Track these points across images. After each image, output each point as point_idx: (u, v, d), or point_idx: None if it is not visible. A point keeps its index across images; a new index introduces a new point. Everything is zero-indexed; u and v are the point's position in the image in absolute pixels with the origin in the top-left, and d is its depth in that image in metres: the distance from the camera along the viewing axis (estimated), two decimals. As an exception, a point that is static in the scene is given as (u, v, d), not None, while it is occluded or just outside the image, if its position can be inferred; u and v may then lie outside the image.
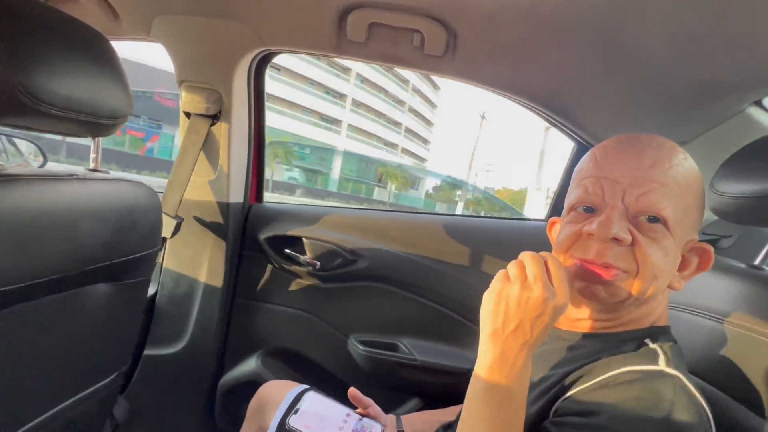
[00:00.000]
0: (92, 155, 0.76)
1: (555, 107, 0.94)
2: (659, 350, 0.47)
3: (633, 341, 0.50)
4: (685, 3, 0.59)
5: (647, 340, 0.49)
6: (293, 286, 1.14)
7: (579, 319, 0.55)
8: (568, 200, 0.54)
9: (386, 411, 0.82)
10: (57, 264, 0.60)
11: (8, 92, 0.51)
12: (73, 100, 0.58)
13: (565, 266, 0.49)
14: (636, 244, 0.47)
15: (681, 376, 0.44)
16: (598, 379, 0.46)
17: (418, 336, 1.09)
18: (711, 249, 0.50)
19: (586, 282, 0.49)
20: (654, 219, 0.47)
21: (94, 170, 0.75)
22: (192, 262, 1.10)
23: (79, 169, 0.71)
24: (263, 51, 0.96)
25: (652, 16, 0.63)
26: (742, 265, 0.66)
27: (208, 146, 1.03)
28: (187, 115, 1.01)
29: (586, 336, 0.54)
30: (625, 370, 0.45)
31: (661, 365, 0.45)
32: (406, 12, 0.77)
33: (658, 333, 0.51)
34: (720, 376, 0.56)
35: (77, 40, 0.61)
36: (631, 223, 0.48)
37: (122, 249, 0.72)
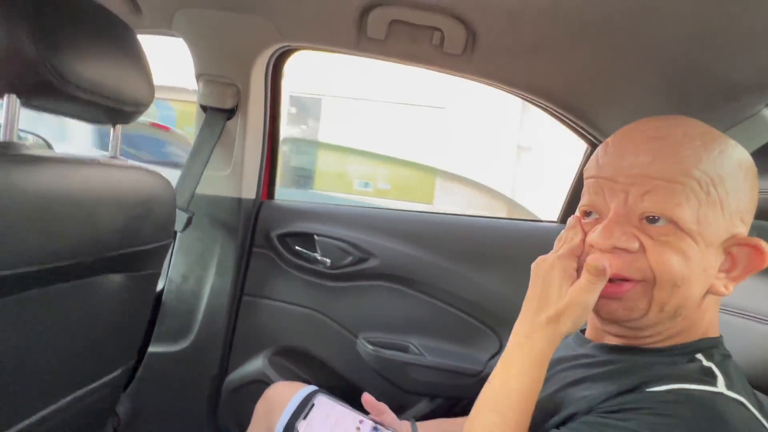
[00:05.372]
0: (111, 142, 0.75)
1: (571, 107, 0.95)
2: (716, 370, 0.41)
3: (683, 356, 0.43)
4: (705, 0, 0.59)
5: (699, 356, 0.43)
6: (302, 285, 1.12)
7: (608, 332, 0.49)
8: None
9: (395, 412, 0.79)
10: (75, 248, 0.60)
11: (38, 71, 0.52)
12: (98, 84, 0.59)
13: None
14: (646, 251, 0.41)
15: (746, 402, 0.38)
16: (644, 393, 0.40)
17: (429, 337, 1.07)
18: (764, 245, 0.41)
19: (602, 298, 0.43)
20: (655, 220, 0.41)
21: (113, 158, 0.75)
22: (201, 257, 1.09)
23: (99, 156, 0.71)
24: (283, 47, 0.97)
25: (673, 14, 0.64)
26: None
27: (223, 141, 1.02)
28: (204, 108, 1.01)
29: (623, 349, 0.48)
30: (677, 387, 0.39)
31: (720, 388, 0.39)
32: (427, 10, 0.78)
33: (710, 347, 0.44)
34: None
35: (103, 27, 0.63)
36: (637, 228, 0.42)
37: (137, 238, 0.71)
